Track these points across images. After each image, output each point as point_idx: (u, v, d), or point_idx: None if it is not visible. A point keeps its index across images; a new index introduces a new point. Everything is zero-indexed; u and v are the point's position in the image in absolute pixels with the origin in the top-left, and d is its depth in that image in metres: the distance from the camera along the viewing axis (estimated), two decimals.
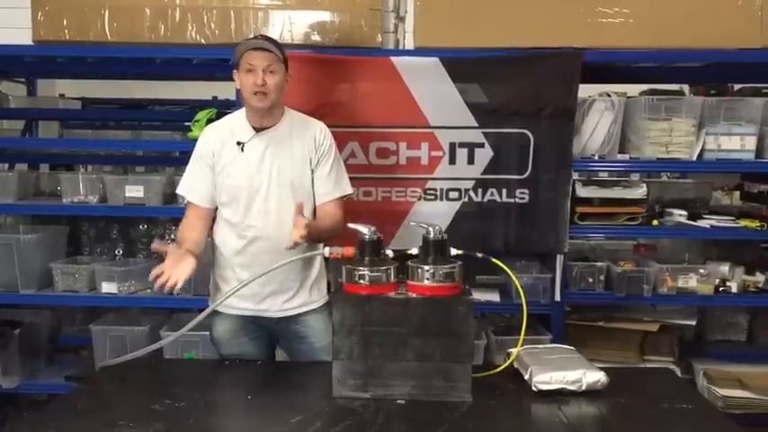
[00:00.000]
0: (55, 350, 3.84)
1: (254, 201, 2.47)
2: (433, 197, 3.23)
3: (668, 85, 3.87)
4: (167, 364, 2.81)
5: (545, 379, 2.10)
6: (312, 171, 2.53)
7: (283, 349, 2.70)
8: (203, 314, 2.36)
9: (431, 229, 2.11)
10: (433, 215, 3.08)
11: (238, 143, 2.47)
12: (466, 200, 3.23)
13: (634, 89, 3.75)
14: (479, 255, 2.17)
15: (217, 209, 2.56)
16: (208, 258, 3.30)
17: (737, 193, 4.64)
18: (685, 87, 4.35)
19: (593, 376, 2.11)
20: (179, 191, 2.61)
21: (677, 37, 3.16)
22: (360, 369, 2.06)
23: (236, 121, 2.55)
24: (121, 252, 3.87)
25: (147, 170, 4.23)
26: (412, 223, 2.34)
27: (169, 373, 2.41)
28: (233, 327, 2.56)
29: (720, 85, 4.31)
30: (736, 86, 4.25)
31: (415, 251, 2.15)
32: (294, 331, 2.57)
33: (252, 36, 2.58)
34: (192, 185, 2.55)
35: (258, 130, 2.49)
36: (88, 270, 3.39)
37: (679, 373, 3.26)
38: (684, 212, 3.40)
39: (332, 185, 2.56)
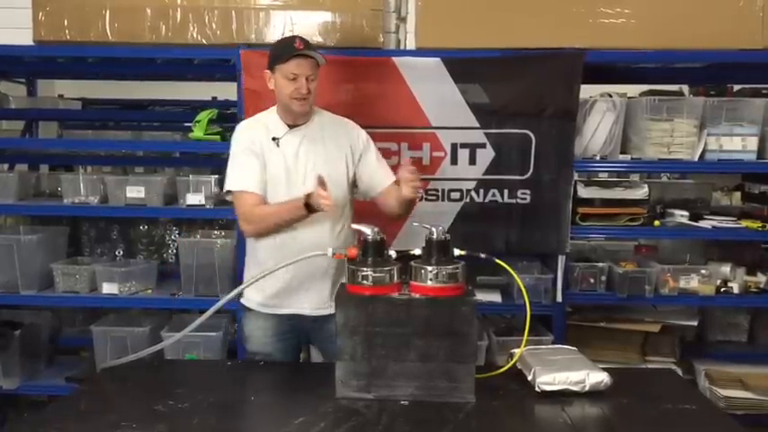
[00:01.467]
0: (55, 351, 3.82)
1: (291, 195, 2.47)
2: (434, 198, 3.23)
3: (668, 85, 3.86)
4: (169, 364, 2.80)
5: (548, 380, 2.10)
6: (355, 169, 2.59)
7: (317, 348, 2.72)
8: (206, 314, 2.36)
9: (434, 229, 2.11)
10: (435, 215, 3.07)
11: (273, 139, 2.51)
12: (467, 200, 3.23)
13: (634, 90, 3.74)
14: (483, 255, 2.17)
15: None
16: (207, 260, 3.32)
17: (738, 194, 4.64)
18: (685, 88, 4.35)
19: (597, 377, 2.11)
20: (231, 187, 2.52)
21: (679, 37, 3.16)
22: (363, 370, 2.06)
23: (269, 119, 2.58)
24: (122, 253, 3.88)
25: (147, 171, 4.22)
26: (414, 224, 2.34)
27: (171, 374, 2.41)
28: (264, 325, 2.56)
29: (720, 85, 4.31)
30: (736, 87, 4.25)
31: (417, 252, 2.15)
32: (329, 330, 2.50)
33: (288, 36, 2.56)
34: (245, 176, 2.50)
35: (291, 126, 2.54)
36: (89, 271, 3.38)
37: (680, 374, 3.26)
38: (686, 213, 3.39)
39: (384, 174, 2.62)
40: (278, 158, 2.51)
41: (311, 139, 2.55)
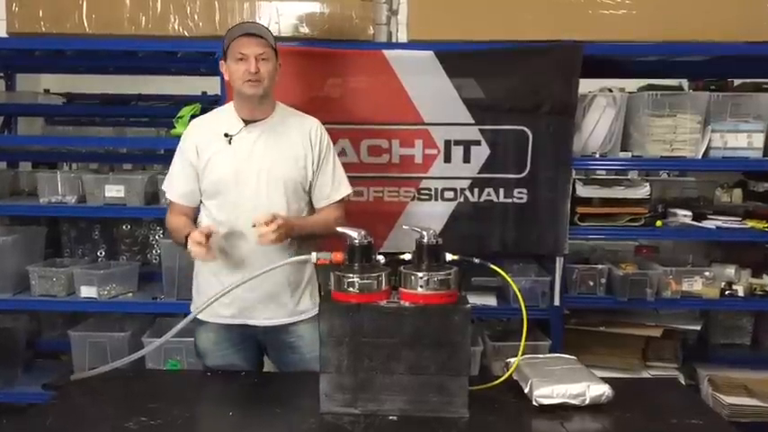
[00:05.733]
0: (34, 356, 3.72)
1: (241, 196, 2.36)
2: (427, 197, 3.16)
3: (667, 80, 3.77)
4: (145, 376, 2.68)
5: (546, 392, 2.00)
6: (313, 172, 2.44)
7: (272, 360, 2.58)
8: (184, 321, 2.25)
9: (425, 233, 2.01)
10: (428, 216, 3.04)
11: (226, 135, 2.37)
12: (461, 200, 3.16)
13: (632, 84, 3.65)
14: (476, 260, 2.07)
15: (199, 208, 2.46)
16: (190, 262, 3.19)
17: (738, 191, 4.54)
18: (684, 82, 4.26)
19: (598, 389, 2.01)
20: (163, 187, 2.57)
21: (681, 29, 3.08)
22: (349, 383, 1.95)
23: (223, 115, 2.46)
24: (104, 254, 3.75)
25: (135, 168, 4.12)
26: (405, 227, 2.24)
27: (146, 387, 2.28)
28: (217, 337, 2.45)
29: (721, 80, 4.22)
30: (736, 82, 4.16)
31: (408, 256, 2.04)
32: (283, 341, 2.45)
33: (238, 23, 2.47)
34: (172, 182, 2.48)
35: (248, 122, 2.39)
36: (66, 273, 3.27)
37: (683, 380, 3.18)
38: (689, 213, 3.31)
39: (333, 188, 2.48)
40: (227, 157, 2.36)
41: (269, 137, 2.39)
